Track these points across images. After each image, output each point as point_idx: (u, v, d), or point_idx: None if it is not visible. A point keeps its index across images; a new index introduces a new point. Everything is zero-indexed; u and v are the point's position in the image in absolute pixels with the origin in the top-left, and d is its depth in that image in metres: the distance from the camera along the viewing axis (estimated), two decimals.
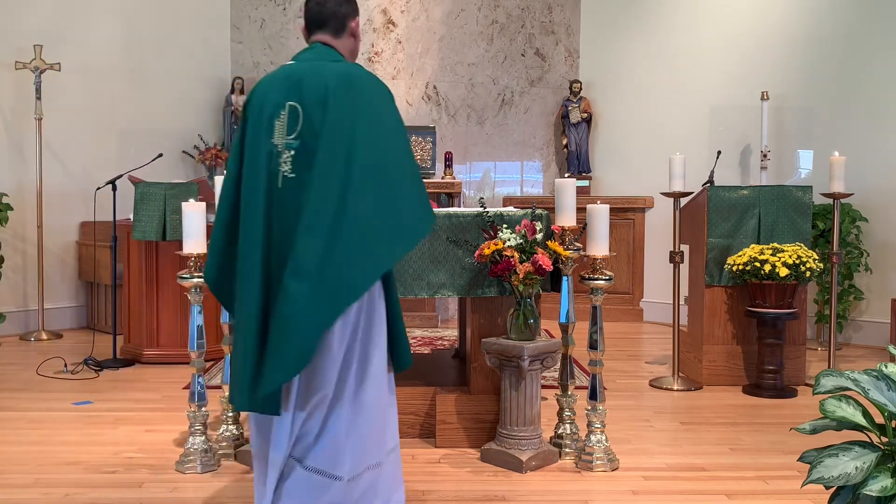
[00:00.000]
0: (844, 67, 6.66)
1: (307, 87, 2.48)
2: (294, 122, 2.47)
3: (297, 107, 2.47)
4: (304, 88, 2.48)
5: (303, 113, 2.46)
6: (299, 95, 2.48)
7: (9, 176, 6.71)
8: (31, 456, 3.67)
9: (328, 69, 2.52)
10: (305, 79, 2.50)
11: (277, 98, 2.51)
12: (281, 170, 2.47)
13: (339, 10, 2.64)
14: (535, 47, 8.27)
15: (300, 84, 2.49)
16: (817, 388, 2.19)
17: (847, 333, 6.59)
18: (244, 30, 8.22)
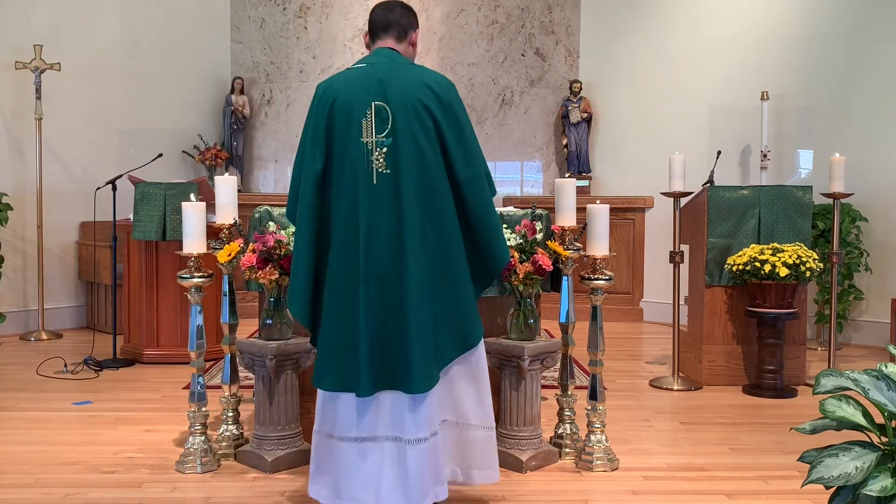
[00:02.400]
0: (844, 67, 6.66)
1: (391, 87, 2.68)
2: (383, 121, 2.65)
3: (384, 106, 2.66)
4: (388, 89, 2.68)
5: (391, 112, 2.65)
6: (384, 96, 2.67)
7: (9, 176, 6.71)
8: (31, 456, 3.67)
9: (408, 71, 2.75)
10: (387, 80, 2.69)
11: (360, 99, 2.68)
12: (374, 167, 2.65)
13: (403, 20, 2.88)
14: (535, 47, 8.27)
15: (383, 85, 2.68)
16: (817, 388, 2.19)
17: (847, 333, 6.59)
18: (244, 30, 8.22)
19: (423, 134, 2.67)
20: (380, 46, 2.86)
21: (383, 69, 2.73)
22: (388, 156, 2.65)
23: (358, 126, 2.67)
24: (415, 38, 2.91)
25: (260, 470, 3.48)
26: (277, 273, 3.43)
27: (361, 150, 2.67)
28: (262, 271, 3.43)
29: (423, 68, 2.81)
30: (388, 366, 2.68)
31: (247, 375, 4.60)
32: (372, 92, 2.68)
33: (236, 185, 3.88)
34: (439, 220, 2.71)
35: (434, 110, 2.69)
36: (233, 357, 3.74)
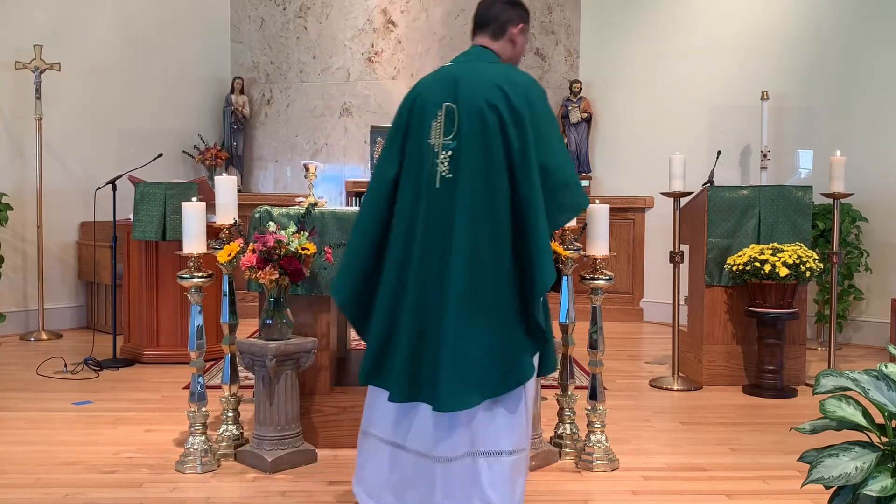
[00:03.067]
0: (844, 67, 6.66)
1: (462, 88, 2.54)
2: (451, 123, 2.52)
3: (454, 107, 2.53)
4: (459, 89, 2.54)
5: (458, 114, 2.51)
6: (455, 96, 2.54)
7: (9, 176, 6.71)
8: (31, 456, 3.67)
9: (483, 70, 2.58)
10: (461, 80, 2.55)
11: (434, 99, 2.58)
12: (438, 170, 2.53)
13: (502, 14, 2.70)
14: (535, 47, 8.27)
15: (456, 85, 2.55)
16: (817, 388, 2.19)
17: (847, 333, 6.59)
18: (244, 30, 8.22)
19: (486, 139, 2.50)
20: (474, 44, 2.74)
21: (463, 68, 2.62)
22: (452, 160, 2.53)
23: (428, 127, 2.58)
24: (515, 33, 2.73)
25: (260, 470, 3.48)
26: (277, 273, 3.43)
27: (428, 153, 2.57)
28: (262, 271, 3.43)
29: (507, 67, 2.64)
30: (418, 376, 2.57)
31: (247, 375, 4.60)
32: (445, 92, 2.57)
33: (236, 185, 3.89)
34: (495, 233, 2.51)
35: (502, 113, 2.51)
36: (233, 357, 3.74)
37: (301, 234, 3.51)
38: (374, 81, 8.09)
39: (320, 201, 4.03)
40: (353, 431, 3.79)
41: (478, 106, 2.51)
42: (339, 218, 3.76)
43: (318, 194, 4.24)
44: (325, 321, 3.81)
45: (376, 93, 8.09)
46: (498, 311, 2.53)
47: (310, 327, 3.78)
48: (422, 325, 2.56)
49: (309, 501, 3.19)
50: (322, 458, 3.64)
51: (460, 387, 2.50)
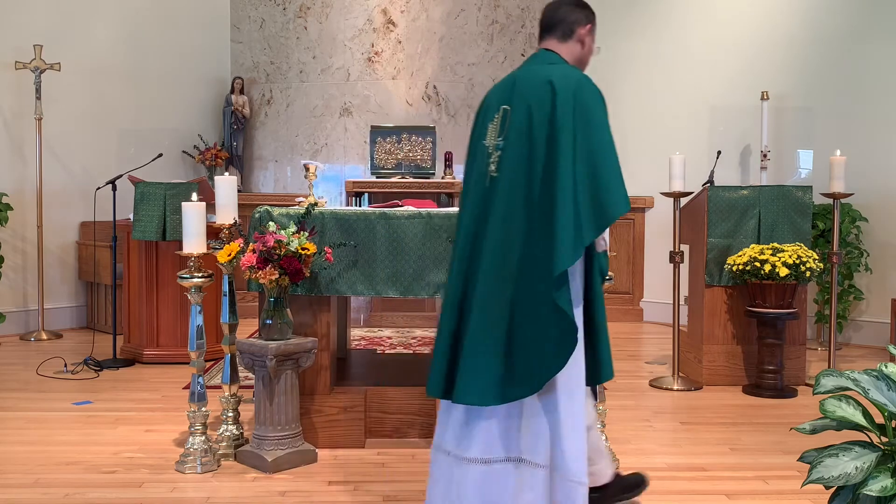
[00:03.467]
0: (844, 67, 6.66)
1: (518, 90, 2.58)
2: (504, 124, 2.57)
3: (508, 109, 2.57)
4: (515, 91, 2.58)
5: (511, 115, 2.55)
6: (510, 98, 2.58)
7: (9, 176, 6.71)
8: (31, 456, 3.67)
9: (539, 71, 2.59)
10: (518, 82, 2.60)
11: (494, 102, 2.64)
12: (489, 170, 2.58)
13: (569, 16, 2.70)
14: (535, 47, 8.26)
15: (513, 87, 2.59)
16: (817, 388, 2.19)
17: (847, 333, 6.59)
18: (244, 30, 8.21)
19: (530, 138, 2.51)
20: (542, 47, 2.74)
21: (523, 71, 2.64)
22: (500, 159, 2.56)
23: (485, 129, 2.64)
24: (584, 33, 2.71)
25: (260, 470, 3.48)
26: (277, 273, 3.43)
27: (483, 153, 2.62)
28: (262, 271, 3.43)
29: (563, 66, 2.62)
30: (452, 371, 2.57)
31: (247, 375, 4.60)
32: (504, 95, 2.62)
33: (236, 185, 3.89)
34: (531, 234, 2.49)
35: (548, 110, 2.49)
36: (233, 357, 3.74)
37: (301, 234, 3.51)
38: (374, 81, 8.09)
39: (320, 201, 4.04)
40: (354, 431, 3.80)
41: (526, 106, 2.53)
42: (339, 218, 3.76)
43: (318, 194, 4.24)
44: (325, 321, 3.82)
45: (376, 93, 8.09)
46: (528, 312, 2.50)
47: (310, 327, 3.78)
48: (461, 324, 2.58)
49: (309, 501, 3.19)
50: (322, 458, 3.65)
51: (481, 379, 2.49)
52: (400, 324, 7.07)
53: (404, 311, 7.09)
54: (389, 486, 3.33)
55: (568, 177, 2.46)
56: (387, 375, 4.49)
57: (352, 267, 3.76)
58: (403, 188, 7.03)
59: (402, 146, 7.43)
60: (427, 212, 3.82)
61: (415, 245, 3.76)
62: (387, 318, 7.10)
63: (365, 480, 3.40)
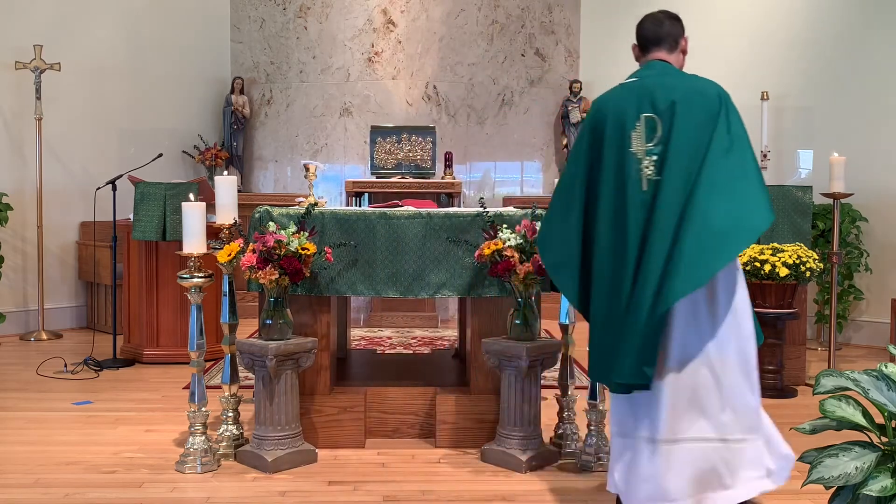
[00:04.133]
0: (844, 67, 6.66)
1: (659, 99, 2.79)
2: (652, 132, 2.78)
3: (654, 117, 2.78)
4: (656, 101, 2.79)
5: (661, 123, 2.77)
6: (653, 107, 2.79)
7: (9, 176, 6.71)
8: (31, 456, 3.67)
9: (677, 81, 2.85)
10: (657, 92, 2.80)
11: (632, 111, 2.82)
12: (644, 175, 2.77)
13: (673, 30, 2.97)
14: (535, 47, 8.27)
15: (652, 97, 2.80)
16: (817, 388, 2.19)
17: (847, 333, 6.59)
18: (244, 30, 8.21)
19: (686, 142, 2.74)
20: (651, 59, 2.96)
21: (654, 81, 2.85)
22: (657, 163, 2.77)
23: (628, 137, 2.81)
24: (685, 44, 3.01)
25: (260, 470, 3.48)
26: (277, 273, 3.43)
27: (631, 160, 2.79)
28: (262, 271, 3.43)
29: (696, 77, 2.88)
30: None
31: (247, 375, 4.60)
32: (642, 104, 2.81)
33: (236, 185, 3.89)
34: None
35: (701, 119, 2.75)
36: (233, 357, 3.74)
37: (301, 234, 3.51)
38: (374, 81, 8.09)
39: (320, 201, 4.04)
40: (354, 431, 3.80)
41: (679, 112, 2.75)
42: (339, 218, 3.76)
43: (318, 194, 4.24)
44: (325, 321, 3.82)
45: (376, 93, 8.09)
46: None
47: (310, 327, 3.78)
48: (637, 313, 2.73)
49: (309, 501, 3.19)
50: (322, 458, 3.65)
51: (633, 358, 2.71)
52: (400, 324, 7.07)
53: (404, 311, 7.09)
54: (389, 486, 3.33)
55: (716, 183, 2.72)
56: (387, 375, 4.49)
57: (352, 267, 3.76)
58: (403, 188, 7.03)
59: (402, 146, 7.43)
60: (427, 212, 3.82)
61: (415, 245, 3.76)
62: (387, 318, 7.10)
63: (365, 480, 3.40)
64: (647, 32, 2.99)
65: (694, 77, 2.89)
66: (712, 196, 2.67)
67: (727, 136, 2.75)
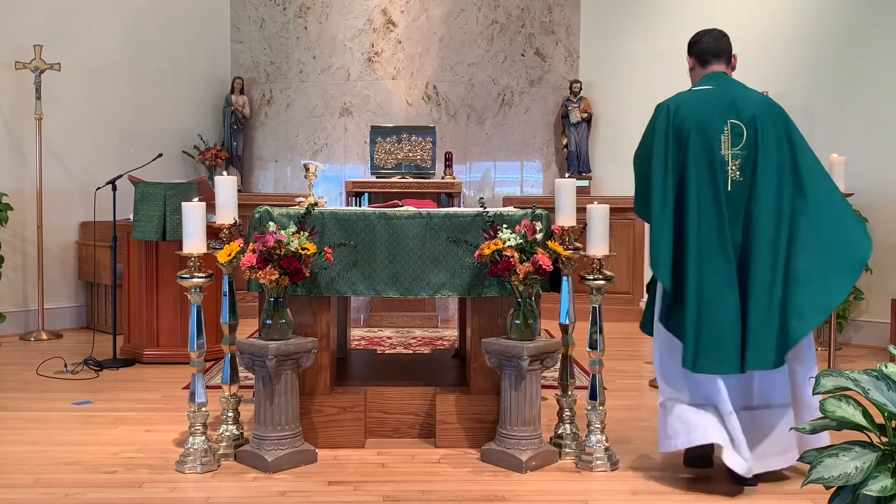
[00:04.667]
0: (844, 67, 6.66)
1: (741, 108, 3.19)
2: (738, 137, 3.16)
3: (740, 124, 3.17)
4: (739, 109, 3.19)
5: (746, 129, 3.16)
6: (737, 115, 3.19)
7: (9, 176, 6.71)
8: (31, 456, 3.67)
9: (748, 94, 3.28)
10: (738, 101, 3.21)
11: (717, 117, 3.19)
12: (730, 176, 3.16)
13: (727, 46, 3.42)
14: (535, 47, 8.27)
15: (735, 105, 3.19)
16: (817, 388, 2.19)
17: (847, 333, 6.59)
18: (244, 30, 8.21)
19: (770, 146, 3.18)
20: (713, 70, 3.36)
21: (731, 91, 3.26)
22: (742, 165, 3.16)
23: (717, 141, 3.17)
24: (734, 60, 3.47)
25: (260, 470, 3.48)
26: (277, 273, 3.43)
27: (720, 161, 3.16)
28: (262, 271, 3.43)
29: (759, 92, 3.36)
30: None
31: (247, 375, 4.60)
32: (726, 111, 3.19)
33: (236, 185, 3.89)
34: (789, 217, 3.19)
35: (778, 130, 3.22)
36: (233, 357, 3.74)
37: (301, 234, 3.51)
38: (374, 81, 8.09)
39: (320, 201, 4.04)
40: (353, 431, 3.80)
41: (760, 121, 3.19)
42: (339, 218, 3.76)
43: (318, 194, 4.24)
44: (325, 321, 3.82)
45: (376, 93, 8.09)
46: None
47: (310, 327, 3.78)
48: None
49: (309, 501, 3.19)
50: (322, 458, 3.65)
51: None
52: (400, 324, 7.07)
53: (404, 311, 7.09)
54: (389, 486, 3.33)
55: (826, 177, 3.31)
56: (387, 375, 4.49)
57: (352, 267, 3.76)
58: (403, 188, 7.03)
59: (402, 146, 7.43)
60: (427, 212, 3.82)
61: (415, 245, 3.76)
62: (387, 318, 7.10)
63: (365, 480, 3.40)
64: (708, 47, 3.37)
65: (754, 90, 3.33)
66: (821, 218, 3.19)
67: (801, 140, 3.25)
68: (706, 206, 3.14)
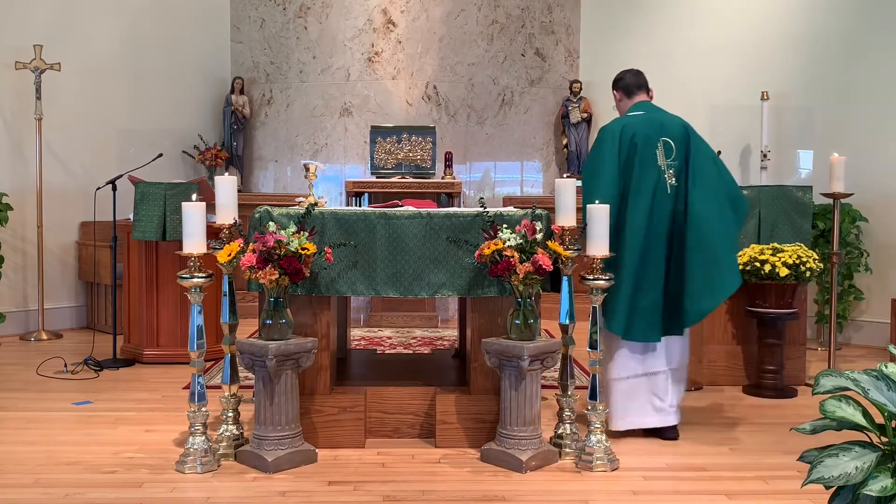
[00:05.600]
0: (844, 67, 6.66)
1: (669, 128, 3.98)
2: (670, 151, 3.93)
3: (670, 141, 3.95)
4: (666, 129, 3.97)
5: (675, 145, 3.94)
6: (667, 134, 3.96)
7: (9, 176, 6.71)
8: (31, 456, 3.67)
9: (671, 117, 4.06)
10: (665, 123, 4.00)
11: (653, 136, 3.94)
12: (668, 181, 3.90)
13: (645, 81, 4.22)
14: (535, 47, 8.27)
15: (664, 126, 3.98)
16: (817, 389, 2.19)
17: (847, 333, 6.59)
18: (244, 30, 8.22)
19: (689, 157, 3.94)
20: (638, 100, 4.15)
21: (658, 116, 4.04)
22: (675, 174, 3.91)
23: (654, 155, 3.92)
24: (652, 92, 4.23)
25: (260, 470, 3.48)
26: (277, 273, 3.43)
27: (658, 170, 3.89)
28: (262, 271, 3.43)
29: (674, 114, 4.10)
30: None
31: (247, 375, 4.60)
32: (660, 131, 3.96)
33: (236, 185, 3.89)
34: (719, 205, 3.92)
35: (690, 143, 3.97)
36: (233, 357, 3.74)
37: (301, 234, 3.51)
38: (374, 81, 8.09)
39: (320, 201, 4.04)
40: (354, 431, 3.80)
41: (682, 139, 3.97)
42: (339, 218, 3.76)
43: (318, 194, 4.24)
44: (325, 321, 3.82)
45: (376, 93, 8.09)
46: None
47: (310, 327, 3.78)
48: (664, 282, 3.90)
49: (309, 501, 3.19)
50: (322, 458, 3.65)
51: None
52: (400, 324, 7.07)
53: (404, 311, 7.09)
54: (389, 486, 3.33)
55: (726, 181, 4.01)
56: (387, 375, 4.49)
57: (352, 267, 3.76)
58: (403, 188, 7.03)
59: (402, 146, 7.43)
60: (427, 212, 3.82)
61: (415, 245, 3.76)
62: (387, 318, 7.10)
63: (365, 480, 3.40)
64: (631, 82, 4.19)
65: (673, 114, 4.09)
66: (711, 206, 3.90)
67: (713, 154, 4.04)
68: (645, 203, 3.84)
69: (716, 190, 3.93)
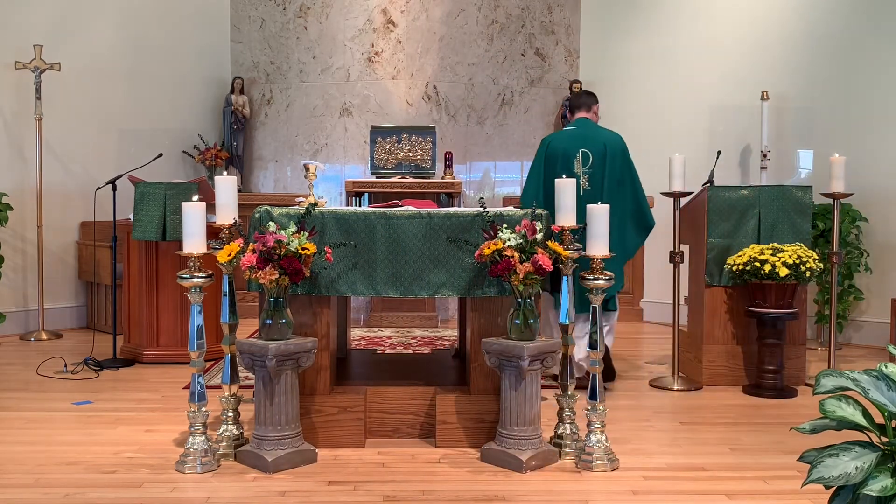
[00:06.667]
0: (844, 67, 6.66)
1: (589, 141, 4.86)
2: (587, 160, 4.83)
3: (588, 152, 4.83)
4: (587, 142, 4.85)
5: (592, 155, 4.83)
6: (586, 146, 4.85)
7: (9, 176, 6.71)
8: (31, 456, 3.67)
9: (597, 132, 4.94)
10: (587, 137, 4.88)
11: (572, 148, 4.86)
12: (582, 186, 4.76)
13: (587, 100, 5.12)
14: (535, 47, 8.27)
15: (585, 140, 4.86)
16: (817, 388, 2.19)
17: (847, 333, 6.59)
18: (244, 30, 8.22)
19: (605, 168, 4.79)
20: (579, 117, 5.05)
21: (585, 131, 4.93)
22: (590, 179, 4.80)
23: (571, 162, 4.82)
24: (596, 109, 5.13)
25: (260, 470, 3.48)
26: (277, 273, 3.43)
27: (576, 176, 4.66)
28: (262, 271, 3.43)
29: (604, 129, 5.01)
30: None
31: (247, 375, 4.60)
32: (576, 143, 4.86)
33: (236, 185, 3.89)
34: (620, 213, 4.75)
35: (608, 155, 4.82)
36: (233, 357, 3.74)
37: (301, 234, 3.51)
38: (374, 81, 8.09)
39: (320, 201, 4.04)
40: (354, 431, 3.81)
41: (599, 151, 4.84)
42: (339, 218, 3.76)
43: (318, 194, 4.24)
44: (325, 321, 3.82)
45: (376, 93, 8.09)
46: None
47: (310, 327, 3.78)
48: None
49: (309, 501, 3.19)
50: (322, 458, 3.65)
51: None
52: (400, 324, 7.07)
53: (404, 311, 7.09)
54: (389, 486, 3.33)
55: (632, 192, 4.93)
56: (387, 375, 4.49)
57: (352, 267, 3.76)
58: (403, 188, 7.03)
59: (402, 146, 7.43)
60: (427, 212, 3.82)
61: (415, 245, 3.76)
62: (387, 318, 7.10)
63: (365, 480, 3.40)
64: (573, 102, 5.22)
65: (604, 130, 4.99)
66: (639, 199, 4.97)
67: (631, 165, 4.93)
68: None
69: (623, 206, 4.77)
